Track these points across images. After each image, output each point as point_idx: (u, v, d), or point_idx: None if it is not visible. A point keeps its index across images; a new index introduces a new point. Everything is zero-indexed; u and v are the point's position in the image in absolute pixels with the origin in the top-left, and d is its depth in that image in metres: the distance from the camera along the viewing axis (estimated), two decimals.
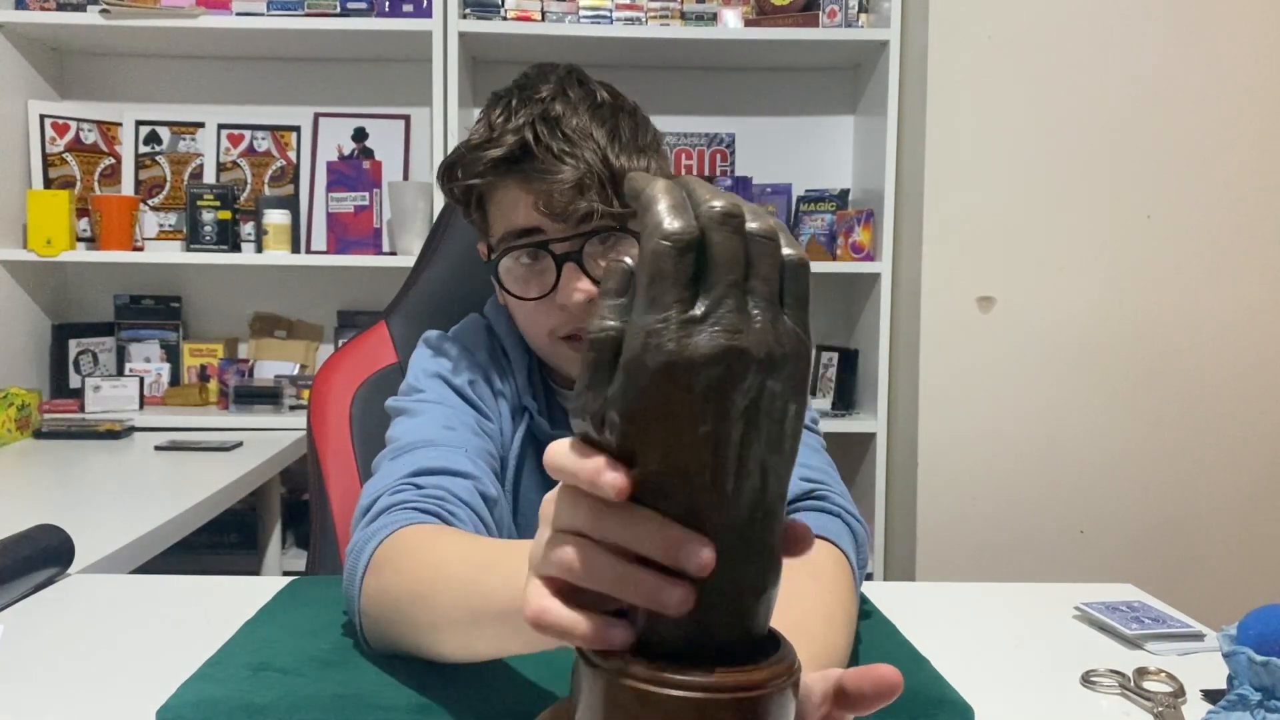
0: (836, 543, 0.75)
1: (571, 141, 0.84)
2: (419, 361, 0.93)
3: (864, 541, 0.79)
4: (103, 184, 2.43)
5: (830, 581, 0.70)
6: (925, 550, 2.14)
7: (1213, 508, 2.14)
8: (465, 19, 2.22)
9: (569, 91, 0.88)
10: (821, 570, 0.71)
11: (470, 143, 0.88)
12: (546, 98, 0.86)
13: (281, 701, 0.61)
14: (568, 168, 0.83)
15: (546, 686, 0.63)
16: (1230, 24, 2.08)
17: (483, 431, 0.88)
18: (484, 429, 0.89)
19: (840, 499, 0.80)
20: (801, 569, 0.63)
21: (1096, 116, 2.08)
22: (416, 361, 0.94)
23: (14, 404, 1.92)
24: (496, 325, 0.97)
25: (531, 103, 0.86)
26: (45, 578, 0.90)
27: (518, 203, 0.86)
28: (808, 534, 0.40)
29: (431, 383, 0.90)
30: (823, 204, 2.39)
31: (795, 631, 0.47)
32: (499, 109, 0.88)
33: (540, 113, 0.85)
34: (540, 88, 0.87)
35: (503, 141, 0.85)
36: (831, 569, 0.72)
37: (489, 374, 0.93)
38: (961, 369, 2.12)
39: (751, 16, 2.33)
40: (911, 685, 0.65)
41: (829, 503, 0.79)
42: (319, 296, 2.49)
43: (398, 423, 0.87)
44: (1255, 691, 0.56)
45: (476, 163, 0.86)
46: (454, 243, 1.23)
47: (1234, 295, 2.11)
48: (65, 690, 0.66)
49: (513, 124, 0.85)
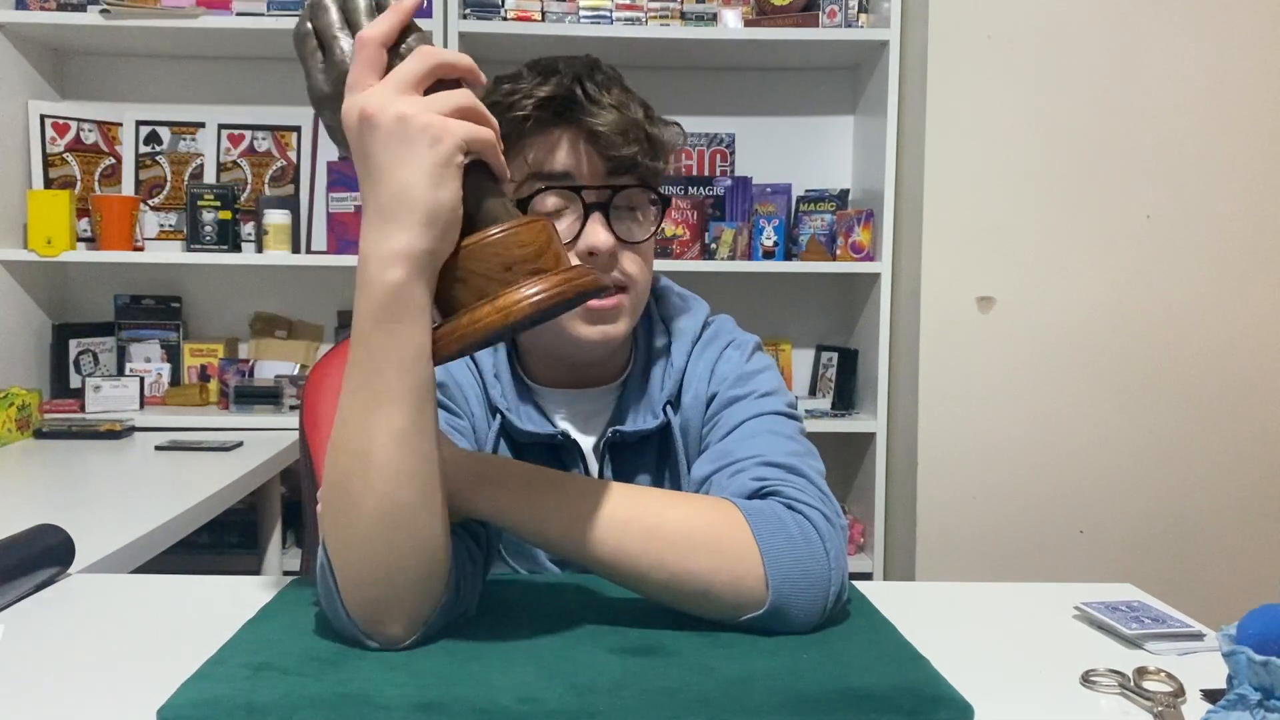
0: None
1: (614, 97, 0.88)
2: None
3: (772, 521, 0.75)
4: (103, 184, 2.43)
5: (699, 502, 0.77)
6: (925, 550, 2.14)
7: (1212, 507, 2.14)
8: (465, 19, 2.22)
9: (603, 66, 0.92)
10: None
11: (509, 83, 0.89)
12: (585, 64, 0.90)
13: (282, 701, 0.61)
14: (615, 112, 0.87)
15: (547, 686, 0.63)
16: (1230, 24, 2.08)
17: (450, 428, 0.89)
18: (453, 425, 0.90)
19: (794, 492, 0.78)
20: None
21: (1096, 116, 2.08)
22: None
23: (14, 404, 1.92)
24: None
25: (572, 64, 0.90)
26: (46, 577, 0.90)
27: (560, 143, 0.87)
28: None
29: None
30: (822, 204, 2.39)
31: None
32: (537, 68, 0.90)
33: (584, 72, 0.89)
34: (574, 60, 0.91)
35: (549, 84, 0.87)
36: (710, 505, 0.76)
37: (459, 377, 0.94)
38: (961, 369, 2.12)
39: (751, 17, 2.34)
40: (911, 684, 0.65)
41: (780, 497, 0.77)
42: (319, 296, 2.49)
43: None
44: (1255, 691, 0.57)
45: (523, 98, 0.87)
46: None
47: (1233, 295, 2.12)
48: (66, 690, 0.66)
49: (556, 76, 0.88)
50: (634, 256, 0.90)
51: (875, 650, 0.71)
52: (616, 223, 0.88)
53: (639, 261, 0.90)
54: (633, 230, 0.90)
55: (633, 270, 0.90)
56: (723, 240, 2.34)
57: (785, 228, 2.37)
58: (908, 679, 0.66)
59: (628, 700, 0.62)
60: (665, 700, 0.62)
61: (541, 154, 0.88)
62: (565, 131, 0.87)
